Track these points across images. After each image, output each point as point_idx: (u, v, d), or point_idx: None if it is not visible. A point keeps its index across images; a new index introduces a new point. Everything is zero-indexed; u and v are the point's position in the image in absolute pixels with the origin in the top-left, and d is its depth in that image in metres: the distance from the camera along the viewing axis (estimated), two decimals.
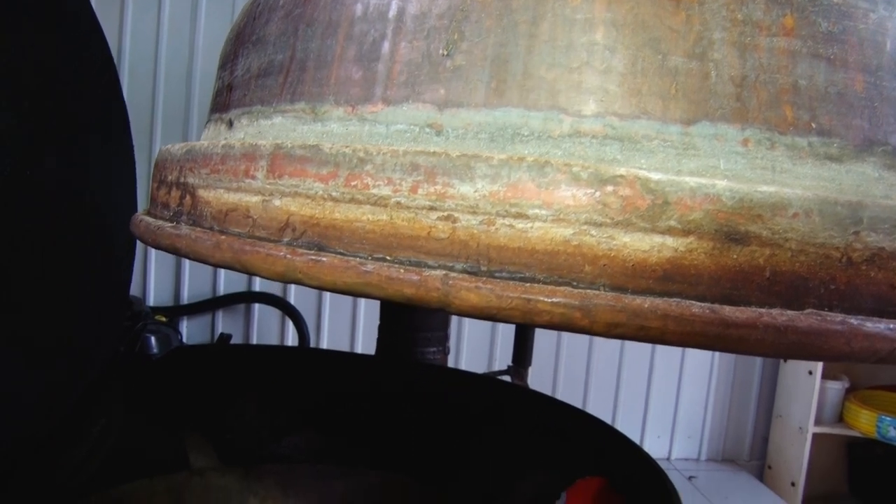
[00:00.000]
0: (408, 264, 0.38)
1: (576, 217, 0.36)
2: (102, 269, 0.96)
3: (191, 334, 2.11)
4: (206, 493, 1.12)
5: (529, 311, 0.35)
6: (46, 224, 0.84)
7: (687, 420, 2.37)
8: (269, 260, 0.40)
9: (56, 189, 0.85)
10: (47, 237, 0.84)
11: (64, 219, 0.87)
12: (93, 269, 0.93)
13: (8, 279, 0.78)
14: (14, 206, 0.78)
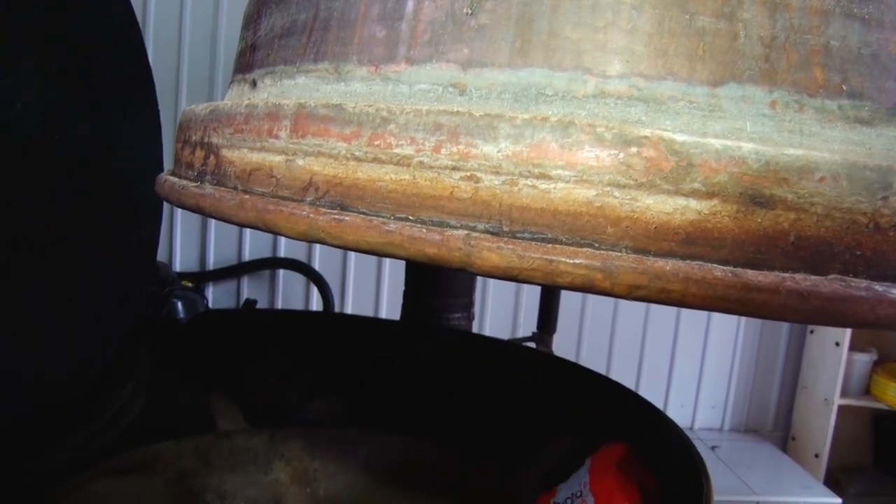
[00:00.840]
0: (430, 224, 0.38)
1: (599, 178, 0.36)
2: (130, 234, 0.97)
3: (216, 300, 2.13)
4: (232, 455, 1.14)
5: (551, 272, 0.35)
6: (74, 189, 0.85)
7: (710, 390, 2.36)
8: (293, 219, 0.41)
9: (83, 153, 0.86)
10: (75, 202, 0.85)
11: (91, 183, 0.87)
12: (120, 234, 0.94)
13: (37, 244, 0.79)
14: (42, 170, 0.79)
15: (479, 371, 1.17)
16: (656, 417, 0.96)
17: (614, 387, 1.04)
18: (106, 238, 0.91)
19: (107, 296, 0.92)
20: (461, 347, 1.18)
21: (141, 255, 1.00)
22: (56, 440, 0.86)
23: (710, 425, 2.40)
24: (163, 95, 1.00)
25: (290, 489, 1.17)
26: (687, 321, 2.27)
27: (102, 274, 0.91)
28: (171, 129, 1.47)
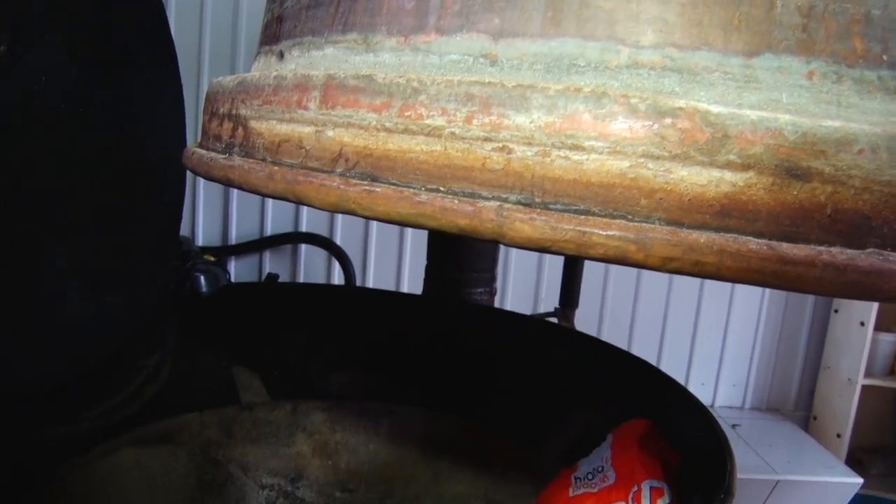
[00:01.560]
0: (461, 195, 0.37)
1: (632, 149, 0.35)
2: (154, 205, 0.97)
3: (239, 274, 2.14)
4: (255, 428, 1.15)
5: (584, 244, 0.34)
6: (99, 161, 0.85)
7: (732, 368, 2.35)
8: (323, 190, 0.40)
9: (108, 126, 0.86)
10: (100, 173, 0.85)
11: (116, 155, 0.88)
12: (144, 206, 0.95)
13: (64, 213, 0.80)
14: (67, 141, 0.80)
15: (501, 346, 1.17)
16: (679, 393, 0.95)
17: (637, 363, 1.04)
18: (130, 210, 0.91)
19: (131, 268, 0.93)
20: (483, 322, 1.18)
21: (164, 228, 1.01)
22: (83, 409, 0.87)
23: (730, 403, 2.39)
24: (185, 70, 1.00)
25: (312, 461, 1.18)
26: (709, 298, 2.25)
27: (126, 246, 0.91)
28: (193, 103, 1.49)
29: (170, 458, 1.03)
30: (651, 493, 0.86)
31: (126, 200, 0.90)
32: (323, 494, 1.15)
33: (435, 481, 1.16)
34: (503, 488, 1.11)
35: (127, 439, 1.02)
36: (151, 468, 1.00)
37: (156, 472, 1.00)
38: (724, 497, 0.71)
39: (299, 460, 1.17)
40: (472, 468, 1.14)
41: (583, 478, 0.97)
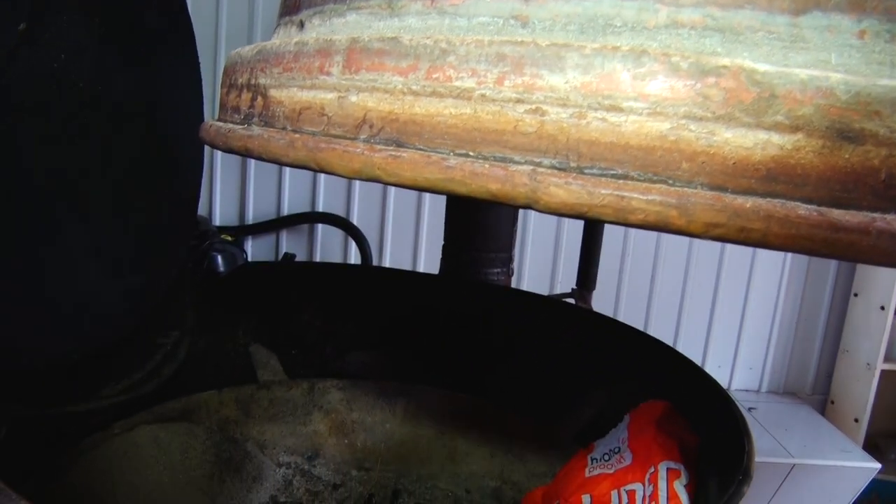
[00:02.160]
0: (492, 160, 0.36)
1: (674, 111, 0.33)
2: (172, 185, 0.96)
3: (255, 253, 2.14)
4: (272, 406, 1.15)
5: (622, 209, 0.33)
6: (119, 139, 0.84)
7: (749, 351, 2.33)
8: (346, 157, 0.39)
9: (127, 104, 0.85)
10: (120, 152, 0.85)
11: (135, 133, 0.87)
12: (163, 184, 0.94)
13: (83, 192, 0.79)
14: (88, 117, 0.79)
15: (518, 326, 1.16)
16: (697, 375, 0.94)
17: (655, 344, 1.02)
18: (149, 188, 0.91)
19: (150, 247, 0.92)
20: (501, 302, 1.17)
21: (183, 207, 1.00)
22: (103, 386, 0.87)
23: (747, 386, 2.37)
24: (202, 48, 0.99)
25: (329, 440, 1.18)
26: (727, 280, 2.23)
27: (145, 225, 0.91)
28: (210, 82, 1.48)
29: (188, 436, 1.03)
30: (668, 474, 0.85)
31: (145, 180, 0.89)
32: (339, 473, 1.14)
33: (451, 460, 1.16)
34: (518, 468, 1.10)
35: (146, 416, 1.02)
36: (170, 445, 1.00)
37: (174, 449, 1.00)
38: (741, 479, 0.70)
39: (316, 439, 1.17)
40: (487, 448, 1.14)
41: (599, 458, 0.96)
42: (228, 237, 1.94)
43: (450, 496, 1.11)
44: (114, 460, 0.93)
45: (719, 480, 0.83)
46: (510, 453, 1.11)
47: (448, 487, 1.13)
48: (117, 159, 0.84)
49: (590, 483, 0.92)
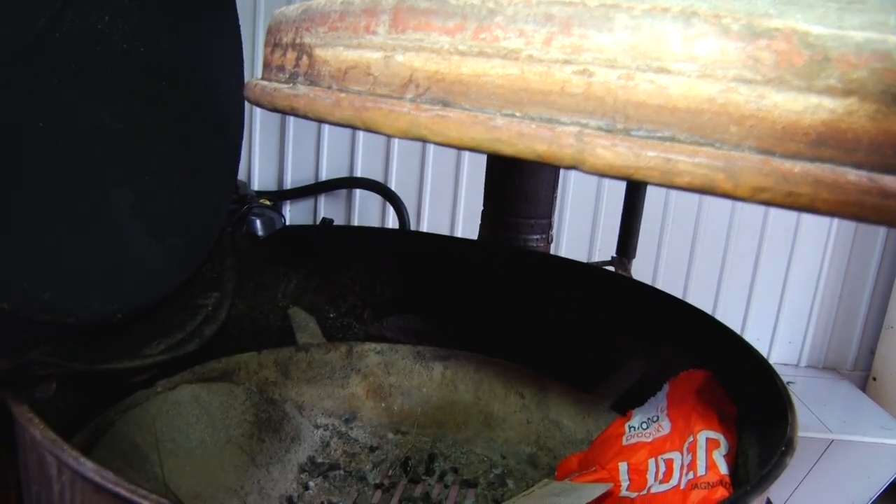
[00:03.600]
0: (539, 120, 0.36)
1: (723, 73, 0.33)
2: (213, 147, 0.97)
3: (293, 218, 2.16)
4: (310, 368, 1.17)
5: (669, 172, 0.33)
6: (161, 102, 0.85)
7: (789, 325, 2.30)
8: (392, 116, 0.39)
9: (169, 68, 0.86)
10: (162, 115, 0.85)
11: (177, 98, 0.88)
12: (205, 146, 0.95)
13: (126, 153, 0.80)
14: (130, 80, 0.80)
15: (557, 292, 1.16)
16: (739, 345, 0.93)
17: (696, 313, 1.02)
18: (191, 150, 0.92)
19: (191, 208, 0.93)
20: (540, 268, 1.17)
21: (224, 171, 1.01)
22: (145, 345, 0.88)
23: (786, 360, 2.35)
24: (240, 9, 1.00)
25: (366, 403, 1.19)
26: (768, 252, 2.20)
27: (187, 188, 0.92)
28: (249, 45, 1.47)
29: (228, 396, 1.05)
30: (707, 443, 0.85)
31: (187, 141, 0.90)
32: (376, 436, 1.16)
33: (486, 426, 1.17)
34: (555, 435, 1.11)
35: (188, 376, 1.04)
36: (211, 405, 1.02)
37: (215, 408, 1.02)
38: (784, 450, 0.69)
39: (353, 401, 1.19)
40: (523, 414, 1.14)
41: (637, 427, 0.96)
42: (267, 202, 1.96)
43: (485, 461, 1.12)
44: (157, 418, 0.95)
45: (760, 451, 0.82)
46: (546, 420, 1.12)
47: (484, 452, 1.14)
48: (160, 120, 0.85)
49: (627, 451, 0.93)
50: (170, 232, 0.88)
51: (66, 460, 0.55)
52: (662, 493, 0.84)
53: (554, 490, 0.89)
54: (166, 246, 0.88)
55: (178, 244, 0.90)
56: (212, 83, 0.95)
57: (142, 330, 0.90)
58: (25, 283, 0.65)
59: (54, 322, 0.71)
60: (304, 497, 1.01)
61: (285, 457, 1.06)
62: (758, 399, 0.88)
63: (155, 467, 0.91)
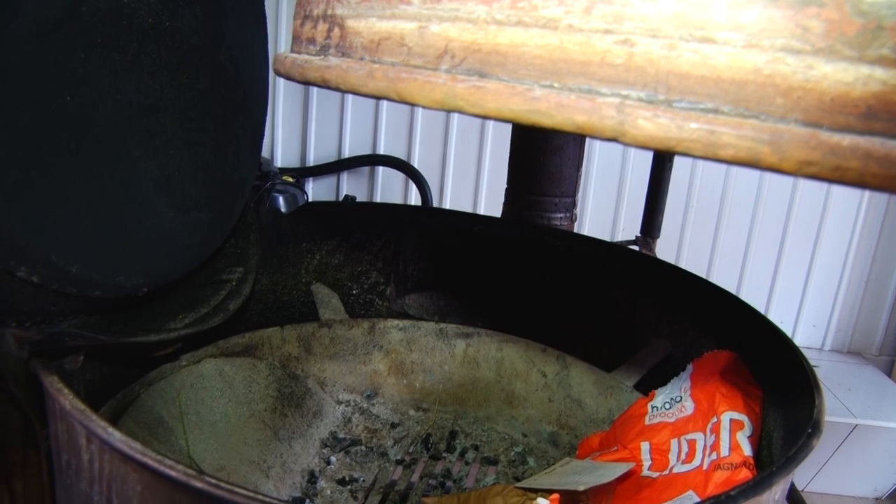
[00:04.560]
0: (578, 92, 0.35)
1: (770, 43, 0.32)
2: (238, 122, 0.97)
3: (316, 195, 2.16)
4: (333, 344, 1.17)
5: (712, 144, 0.32)
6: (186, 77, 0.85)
7: (813, 308, 2.28)
8: (427, 87, 0.38)
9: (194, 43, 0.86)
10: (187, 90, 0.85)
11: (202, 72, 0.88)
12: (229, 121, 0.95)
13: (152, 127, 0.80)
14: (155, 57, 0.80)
15: (580, 271, 1.15)
16: (764, 326, 0.92)
17: (721, 294, 1.01)
18: (216, 124, 0.92)
19: (216, 182, 0.93)
20: (564, 246, 1.16)
21: (248, 145, 1.01)
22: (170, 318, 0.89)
23: (810, 344, 2.33)
24: None
25: (388, 380, 1.19)
26: (795, 233, 2.18)
27: (212, 160, 0.92)
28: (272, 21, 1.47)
29: (252, 371, 1.06)
30: (731, 424, 0.84)
31: (212, 116, 0.90)
32: (397, 412, 1.16)
33: (508, 404, 1.17)
34: (576, 414, 1.11)
35: (212, 350, 1.04)
36: (234, 379, 1.03)
37: (239, 382, 1.03)
38: (811, 432, 0.68)
39: (375, 378, 1.19)
40: (545, 393, 1.14)
41: (660, 407, 0.95)
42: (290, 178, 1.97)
43: (506, 439, 1.12)
44: (182, 391, 0.96)
45: (784, 434, 0.81)
46: (568, 398, 1.12)
47: (505, 430, 1.14)
48: (185, 95, 0.85)
49: (649, 431, 0.92)
50: (195, 207, 0.88)
51: (95, 430, 0.56)
52: (684, 473, 0.84)
53: (575, 468, 0.89)
54: (191, 220, 0.88)
55: (203, 219, 0.90)
56: (236, 58, 0.94)
57: (167, 304, 0.90)
58: (54, 256, 0.65)
59: (82, 295, 0.71)
60: (325, 471, 1.01)
61: (307, 431, 1.06)
62: (783, 380, 0.87)
63: (179, 439, 0.92)
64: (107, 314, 0.82)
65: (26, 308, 0.69)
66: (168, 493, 0.54)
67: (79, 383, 0.82)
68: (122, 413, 0.88)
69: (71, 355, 0.79)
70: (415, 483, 1.00)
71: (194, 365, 1.00)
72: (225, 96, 0.93)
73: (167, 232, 0.84)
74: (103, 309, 0.81)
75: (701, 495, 0.78)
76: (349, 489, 0.98)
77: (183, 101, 0.85)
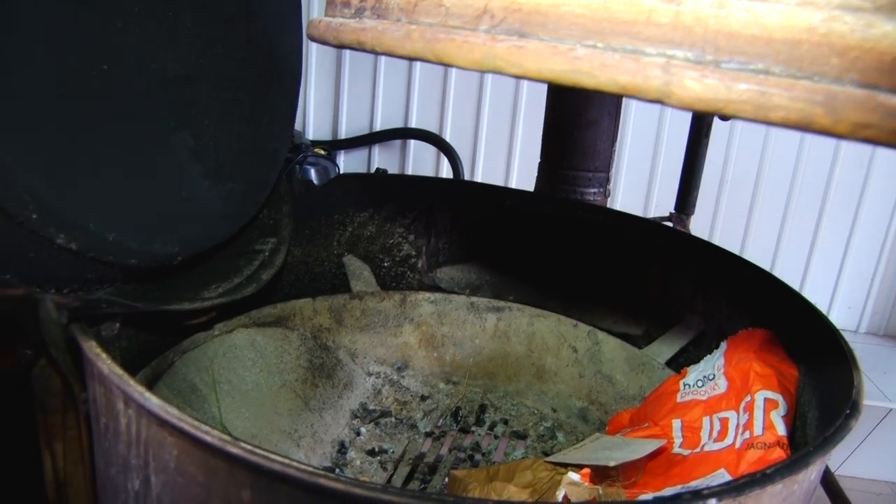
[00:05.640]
0: (622, 52, 0.34)
1: (826, 0, 0.31)
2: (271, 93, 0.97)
3: (347, 168, 2.16)
4: (364, 316, 1.17)
5: (762, 106, 0.31)
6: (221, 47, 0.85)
7: (849, 290, 2.24)
8: (466, 47, 0.38)
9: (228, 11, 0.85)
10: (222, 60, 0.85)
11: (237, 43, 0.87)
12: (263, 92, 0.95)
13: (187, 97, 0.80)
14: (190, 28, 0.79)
15: (614, 247, 1.14)
16: (801, 304, 0.91)
17: (756, 271, 0.99)
18: (250, 95, 0.92)
19: (250, 153, 0.93)
20: (598, 222, 1.15)
21: (281, 118, 1.01)
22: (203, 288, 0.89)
23: (844, 326, 2.29)
24: None
25: (418, 352, 1.20)
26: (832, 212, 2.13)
27: (246, 131, 0.92)
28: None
29: (283, 341, 1.06)
30: (765, 403, 0.83)
31: (246, 87, 0.90)
32: (427, 385, 1.16)
33: (538, 379, 1.16)
34: (607, 390, 1.10)
35: (244, 320, 1.05)
36: (266, 349, 1.03)
37: (270, 352, 1.04)
38: (850, 412, 0.67)
39: (405, 350, 1.19)
40: (576, 368, 1.14)
41: (692, 384, 0.94)
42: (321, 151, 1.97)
43: (535, 414, 1.12)
44: (215, 360, 0.97)
45: (820, 414, 0.80)
46: (599, 374, 1.11)
47: (534, 405, 1.14)
48: (219, 65, 0.85)
49: (681, 408, 0.91)
50: (229, 177, 0.89)
51: (132, 395, 0.56)
52: (716, 451, 0.83)
53: (606, 444, 0.88)
54: (225, 190, 0.88)
55: (237, 189, 0.90)
56: (270, 29, 0.94)
57: (201, 273, 0.91)
58: (92, 224, 0.66)
59: (118, 263, 0.71)
60: (355, 442, 1.02)
61: (338, 402, 1.07)
62: (819, 360, 0.85)
63: (212, 408, 0.93)
64: (142, 283, 0.83)
65: (65, 275, 0.70)
66: (204, 458, 0.54)
67: (115, 350, 0.82)
68: (156, 380, 0.89)
69: (107, 322, 0.80)
70: (444, 456, 1.01)
71: (227, 334, 1.01)
72: (259, 67, 0.92)
73: (202, 201, 0.84)
74: (139, 277, 0.82)
75: (733, 474, 0.77)
76: (378, 460, 0.99)
77: (217, 72, 0.85)
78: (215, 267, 0.94)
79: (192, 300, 0.85)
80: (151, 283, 0.84)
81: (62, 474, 0.81)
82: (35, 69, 0.60)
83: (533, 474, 0.77)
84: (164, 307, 0.81)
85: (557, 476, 0.74)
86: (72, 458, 0.79)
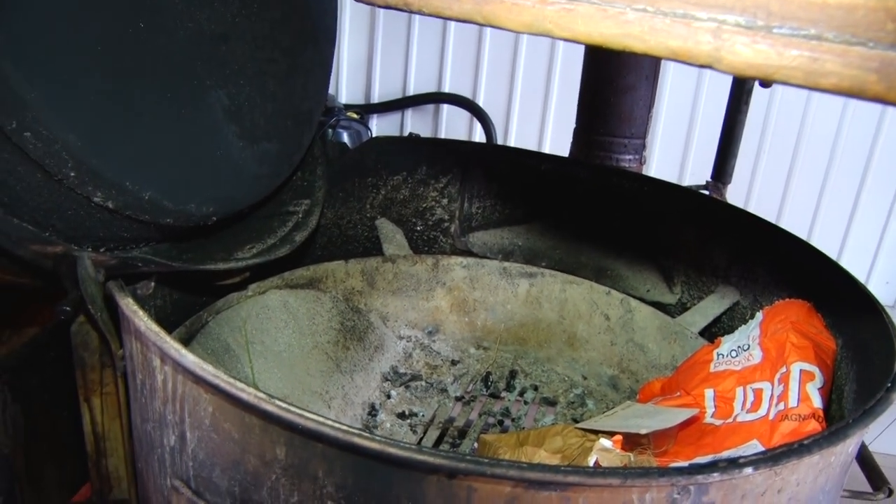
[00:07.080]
0: (673, 16, 0.33)
1: None
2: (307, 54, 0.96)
3: (380, 132, 2.16)
4: (396, 279, 1.18)
5: (814, 73, 0.30)
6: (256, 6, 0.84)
7: (888, 263, 2.19)
8: (515, 9, 0.37)
9: None
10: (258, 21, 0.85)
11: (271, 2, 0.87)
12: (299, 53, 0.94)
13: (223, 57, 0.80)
14: None
15: (649, 214, 1.13)
16: (840, 275, 0.89)
17: (795, 241, 0.98)
18: (285, 56, 0.91)
19: (285, 114, 0.93)
20: (634, 189, 1.14)
21: (316, 78, 1.00)
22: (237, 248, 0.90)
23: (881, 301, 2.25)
24: None
25: (450, 317, 1.20)
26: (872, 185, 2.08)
27: (282, 92, 0.92)
28: None
29: (315, 303, 1.07)
30: (801, 375, 0.82)
31: (280, 49, 0.90)
32: (458, 349, 1.17)
33: (569, 346, 1.16)
34: (638, 358, 1.10)
35: (277, 282, 1.06)
36: (298, 311, 1.04)
37: (302, 314, 1.05)
38: (891, 385, 0.66)
39: (437, 314, 1.20)
40: (608, 336, 1.13)
41: (726, 354, 0.94)
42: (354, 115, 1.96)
43: (566, 381, 1.12)
44: (248, 321, 0.98)
45: (858, 388, 0.79)
46: (631, 342, 1.11)
47: (565, 372, 1.14)
48: (255, 25, 0.84)
49: (714, 378, 0.91)
50: (264, 137, 0.89)
51: (168, 351, 0.57)
52: (749, 422, 0.83)
53: (637, 412, 0.88)
54: (260, 151, 0.88)
55: (272, 150, 0.91)
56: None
57: (235, 234, 0.91)
58: (129, 182, 0.66)
59: (153, 222, 0.72)
60: (385, 405, 1.03)
61: (369, 365, 1.08)
62: (858, 333, 0.84)
63: (245, 367, 0.94)
64: (177, 243, 0.84)
65: (101, 233, 0.70)
66: (239, 415, 0.55)
67: (150, 309, 0.84)
68: (190, 339, 0.90)
69: (143, 281, 0.81)
70: (473, 420, 1.01)
71: (260, 295, 1.02)
72: (294, 28, 0.92)
73: (237, 162, 0.84)
74: (173, 237, 0.83)
75: (766, 444, 0.77)
76: (408, 423, 1.00)
77: (253, 32, 0.84)
78: (249, 227, 0.94)
79: (226, 260, 0.86)
80: (186, 243, 0.85)
81: (100, 429, 0.83)
82: (74, 25, 0.60)
83: (563, 440, 0.77)
84: (199, 267, 0.81)
85: (588, 443, 0.75)
86: (109, 414, 0.81)
